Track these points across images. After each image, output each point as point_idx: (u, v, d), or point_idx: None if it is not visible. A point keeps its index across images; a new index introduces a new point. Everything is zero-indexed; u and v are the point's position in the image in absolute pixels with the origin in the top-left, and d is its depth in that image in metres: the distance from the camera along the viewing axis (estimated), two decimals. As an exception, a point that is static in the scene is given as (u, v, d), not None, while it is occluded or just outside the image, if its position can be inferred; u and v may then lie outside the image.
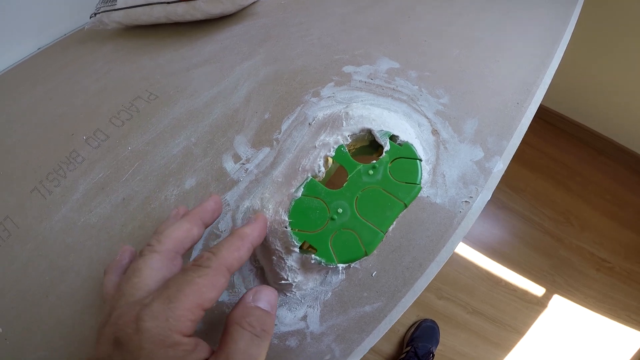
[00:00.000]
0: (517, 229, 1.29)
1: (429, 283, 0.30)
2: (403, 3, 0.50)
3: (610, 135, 1.32)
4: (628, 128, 1.25)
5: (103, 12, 0.57)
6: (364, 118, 0.31)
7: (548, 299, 1.18)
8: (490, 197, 0.30)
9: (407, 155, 0.29)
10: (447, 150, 0.33)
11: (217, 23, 0.55)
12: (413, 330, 1.14)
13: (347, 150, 0.30)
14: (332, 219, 0.27)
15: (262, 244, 0.29)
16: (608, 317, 1.15)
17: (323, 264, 0.26)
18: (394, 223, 0.29)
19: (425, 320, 1.15)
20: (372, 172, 0.28)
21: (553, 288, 1.19)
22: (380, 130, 0.30)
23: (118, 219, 0.36)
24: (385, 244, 0.29)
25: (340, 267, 0.26)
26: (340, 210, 0.27)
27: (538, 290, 1.19)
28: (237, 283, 0.30)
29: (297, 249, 0.27)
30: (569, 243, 1.25)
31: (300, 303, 0.28)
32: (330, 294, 0.28)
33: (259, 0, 0.57)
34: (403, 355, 1.10)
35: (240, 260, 0.23)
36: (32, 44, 0.65)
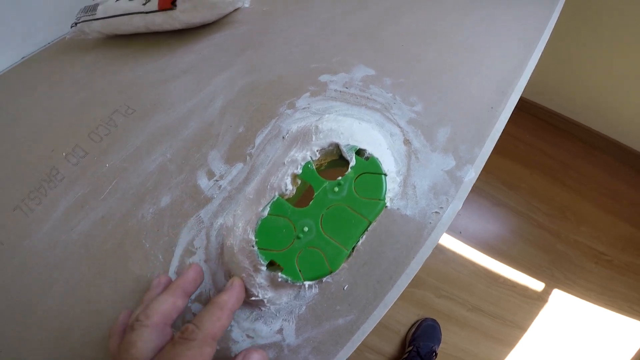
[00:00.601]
0: (513, 226, 1.28)
1: (426, 282, 0.30)
2: (384, 7, 0.49)
3: (602, 130, 1.32)
4: (619, 123, 1.25)
5: (83, 21, 0.57)
6: (333, 132, 0.31)
7: (548, 294, 1.18)
8: (485, 194, 0.30)
9: (372, 171, 0.29)
10: (418, 160, 0.32)
11: (197, 31, 0.54)
12: (414, 330, 1.14)
13: (314, 167, 0.30)
14: (298, 238, 0.27)
15: (232, 262, 0.29)
16: (610, 309, 1.14)
17: (290, 282, 0.26)
18: (364, 237, 0.29)
19: (426, 320, 1.15)
20: (337, 189, 0.28)
21: (552, 282, 1.19)
22: (347, 145, 0.30)
23: (98, 236, 0.37)
24: (356, 258, 0.29)
25: (307, 284, 0.26)
26: (306, 229, 0.27)
27: (537, 286, 1.19)
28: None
29: (264, 268, 0.27)
30: (566, 237, 1.24)
31: (276, 317, 0.29)
32: (305, 308, 0.29)
33: (240, 8, 0.56)
34: (405, 355, 1.10)
35: (223, 328, 0.25)
36: (15, 53, 0.66)
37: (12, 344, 0.33)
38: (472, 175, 0.31)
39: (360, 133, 0.32)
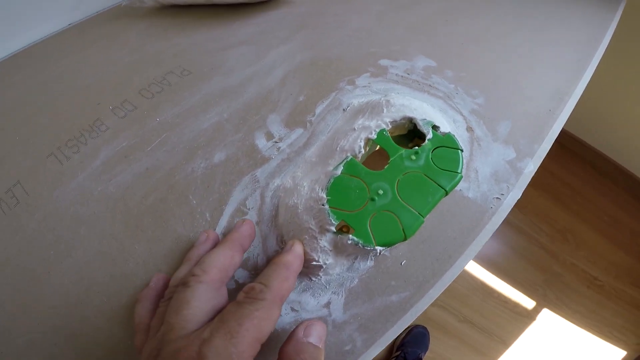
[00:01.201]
0: (514, 243, 1.31)
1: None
2: (441, 7, 0.51)
3: (618, 160, 1.34)
4: (634, 152, 1.27)
5: (142, -11, 0.57)
6: (405, 107, 0.32)
7: (537, 312, 1.20)
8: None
9: (449, 145, 0.29)
10: (480, 148, 0.33)
11: (254, 8, 0.55)
12: (404, 336, 1.14)
13: (388, 135, 0.30)
14: (372, 200, 0.27)
15: (293, 222, 0.28)
16: (592, 333, 1.17)
17: (360, 245, 0.26)
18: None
19: (417, 326, 1.16)
20: (414, 157, 0.28)
21: (543, 302, 1.21)
22: (423, 119, 0.31)
23: (139, 190, 0.35)
24: (416, 234, 0.29)
25: (379, 249, 0.26)
26: (381, 192, 0.27)
27: (529, 303, 1.21)
28: (260, 264, 0.29)
29: (333, 228, 0.26)
30: (564, 259, 1.27)
31: (325, 289, 0.28)
32: (357, 281, 0.28)
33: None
34: (392, 359, 1.10)
35: (290, 290, 0.24)
36: (64, 19, 0.64)
37: (21, 307, 0.30)
38: (531, 168, 0.32)
39: (430, 113, 0.32)
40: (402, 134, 0.33)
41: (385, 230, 0.26)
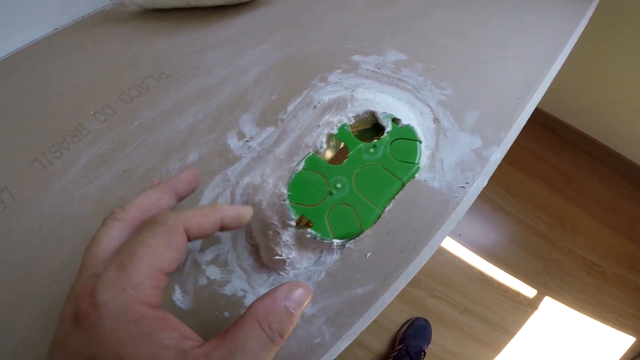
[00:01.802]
0: (512, 232, 1.30)
1: (422, 282, 0.29)
2: (419, 1, 0.51)
3: (608, 143, 1.33)
4: (626, 136, 1.26)
5: (125, -7, 0.57)
6: (369, 101, 0.32)
7: (539, 301, 1.19)
8: (487, 199, 0.31)
9: (407, 137, 0.30)
10: (446, 138, 0.34)
11: (234, 9, 0.55)
12: (405, 329, 1.15)
13: (349, 129, 0.30)
14: (330, 194, 0.27)
15: (258, 219, 0.29)
16: (596, 319, 1.16)
17: (318, 239, 0.26)
18: (391, 204, 0.30)
19: (418, 319, 1.16)
20: (372, 150, 0.29)
21: (545, 290, 1.20)
22: (384, 112, 0.31)
23: (117, 191, 0.36)
24: (381, 226, 0.29)
25: (335, 242, 0.26)
26: (339, 185, 0.27)
27: (530, 292, 1.21)
28: (230, 260, 0.30)
29: (293, 223, 0.27)
30: (562, 247, 1.26)
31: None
32: (324, 274, 0.28)
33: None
34: (395, 353, 1.10)
35: (201, 228, 0.21)
36: (49, 25, 0.65)
37: (10, 307, 0.31)
38: (497, 155, 0.32)
39: (395, 106, 0.33)
40: (367, 128, 0.33)
41: (342, 223, 0.26)
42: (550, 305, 1.19)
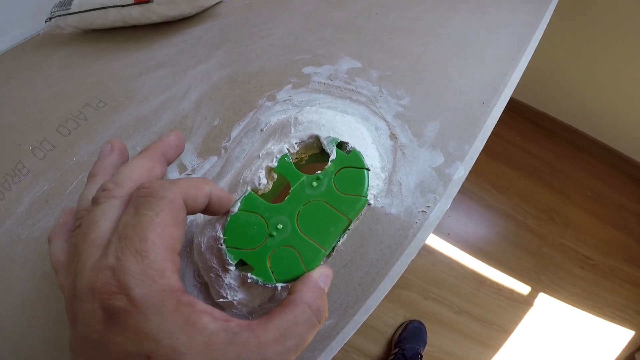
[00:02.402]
0: (500, 228, 1.28)
1: (414, 284, 0.27)
2: (370, 0, 0.48)
3: (591, 133, 1.33)
4: (609, 125, 1.26)
5: (58, 16, 0.54)
6: (313, 123, 0.29)
7: (534, 297, 1.18)
8: (473, 195, 0.28)
9: (354, 165, 0.27)
10: (405, 157, 0.31)
11: (175, 25, 0.52)
12: (400, 332, 1.13)
13: (290, 160, 0.27)
14: (271, 236, 0.24)
15: (200, 260, 0.27)
16: (593, 314, 1.15)
17: (260, 283, 0.24)
18: (345, 236, 0.27)
19: (412, 321, 1.14)
20: (315, 183, 0.26)
21: (538, 286, 1.19)
22: (328, 137, 0.28)
23: None
24: (336, 259, 0.27)
25: (280, 286, 0.24)
26: (280, 226, 0.24)
27: (523, 289, 1.19)
28: None
29: (232, 268, 0.24)
30: (553, 241, 1.25)
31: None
32: None
33: (223, 1, 0.54)
34: (391, 357, 1.09)
35: (195, 201, 0.20)
36: None
37: None
38: (461, 173, 0.30)
39: (343, 126, 0.30)
40: (317, 153, 0.30)
41: (286, 267, 0.24)
42: (546, 302, 1.18)
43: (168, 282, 0.17)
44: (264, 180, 0.27)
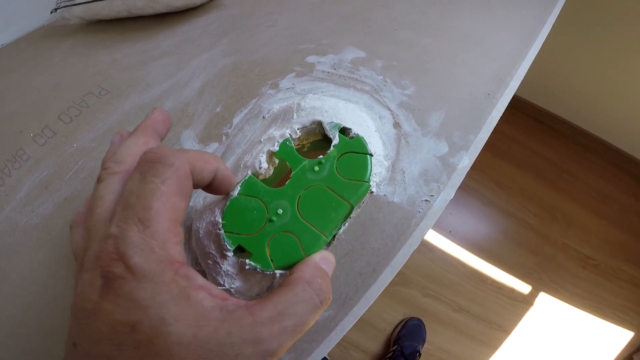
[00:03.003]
0: (503, 226, 1.28)
1: (414, 281, 0.27)
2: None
3: (596, 133, 1.32)
4: (614, 126, 1.25)
5: (63, 7, 0.55)
6: (316, 109, 0.29)
7: (534, 297, 1.17)
8: (477, 193, 0.28)
9: (356, 150, 0.26)
10: (408, 145, 0.30)
11: (180, 16, 0.52)
12: (399, 329, 1.13)
13: (292, 145, 0.27)
14: (270, 221, 0.24)
15: (197, 247, 0.26)
16: (594, 314, 1.15)
17: (258, 270, 0.23)
18: (346, 224, 0.27)
19: (412, 319, 1.14)
20: (317, 168, 0.25)
21: (539, 286, 1.18)
22: (330, 122, 0.27)
23: (60, 219, 0.34)
24: (337, 248, 0.26)
25: (278, 273, 0.23)
26: (280, 211, 0.24)
27: (524, 288, 1.19)
28: None
29: (230, 253, 0.24)
30: (555, 240, 1.24)
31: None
32: None
33: (227, -9, 0.54)
34: (390, 355, 1.09)
35: (201, 175, 0.19)
36: None
37: None
38: (466, 162, 0.29)
39: (346, 113, 0.29)
40: (320, 139, 0.30)
41: (285, 253, 0.23)
42: (546, 301, 1.17)
43: (168, 253, 0.16)
44: (265, 165, 0.27)
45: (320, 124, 0.28)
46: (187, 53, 0.45)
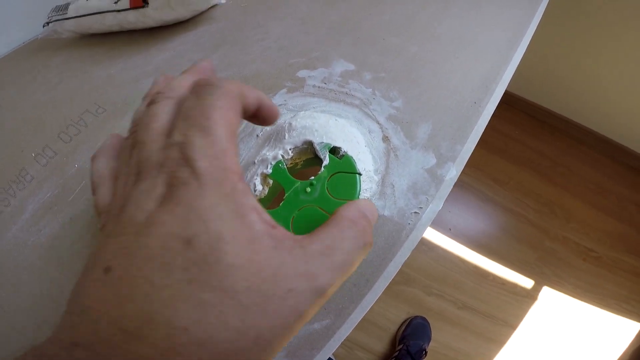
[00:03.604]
0: (502, 222, 1.28)
1: (417, 280, 0.28)
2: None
3: (590, 126, 1.32)
4: (607, 119, 1.25)
5: (55, 20, 0.55)
6: (307, 129, 0.30)
7: (537, 291, 1.18)
8: (474, 190, 0.29)
9: (346, 170, 0.27)
10: (397, 159, 0.31)
11: (172, 29, 0.52)
12: (404, 328, 1.14)
13: (285, 167, 0.28)
14: None
15: None
16: (599, 306, 1.15)
17: None
18: None
19: (416, 318, 1.15)
20: (309, 189, 0.26)
21: (542, 280, 1.19)
22: (320, 143, 0.28)
23: (66, 239, 0.35)
24: None
25: None
26: None
27: (527, 283, 1.19)
28: None
29: None
30: (555, 234, 1.24)
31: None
32: None
33: (218, 5, 0.54)
34: (396, 354, 1.10)
35: (248, 100, 0.19)
36: None
37: None
38: (453, 174, 0.30)
39: (336, 130, 0.30)
40: (312, 157, 0.30)
41: None
42: (550, 295, 1.17)
43: (230, 161, 0.16)
44: (260, 187, 0.28)
45: (312, 144, 0.29)
46: (178, 69, 0.45)
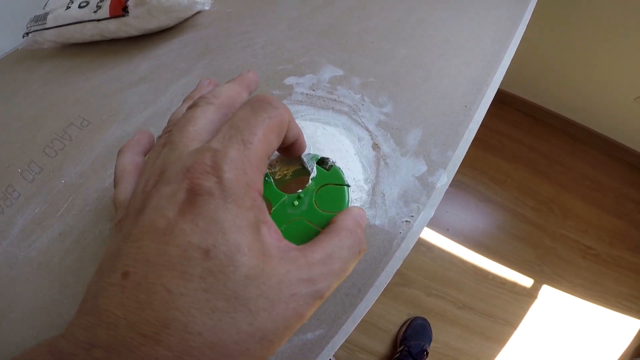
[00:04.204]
0: (500, 221, 1.28)
1: (416, 281, 0.27)
2: (353, 4, 0.48)
3: (586, 123, 1.32)
4: (602, 115, 1.25)
5: (34, 31, 0.54)
6: (294, 139, 0.29)
7: (537, 290, 1.17)
8: (471, 189, 0.28)
9: (334, 182, 0.26)
10: (387, 166, 0.30)
11: (155, 37, 0.52)
12: (405, 329, 1.14)
13: (271, 180, 0.27)
14: None
15: None
16: (599, 304, 1.14)
17: None
18: None
19: (416, 319, 1.15)
20: (297, 202, 0.26)
21: (541, 278, 1.18)
22: (308, 154, 0.28)
23: (56, 253, 0.35)
24: None
25: None
26: None
27: (526, 282, 1.19)
28: None
29: None
30: (553, 232, 1.24)
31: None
32: None
33: (202, 12, 0.54)
34: (397, 355, 1.09)
35: (292, 130, 0.21)
36: None
37: None
38: (444, 181, 0.29)
39: (325, 139, 0.30)
40: (300, 168, 0.30)
41: None
42: (550, 294, 1.17)
43: (255, 178, 0.17)
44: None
45: (299, 156, 0.28)
46: (163, 78, 0.45)
